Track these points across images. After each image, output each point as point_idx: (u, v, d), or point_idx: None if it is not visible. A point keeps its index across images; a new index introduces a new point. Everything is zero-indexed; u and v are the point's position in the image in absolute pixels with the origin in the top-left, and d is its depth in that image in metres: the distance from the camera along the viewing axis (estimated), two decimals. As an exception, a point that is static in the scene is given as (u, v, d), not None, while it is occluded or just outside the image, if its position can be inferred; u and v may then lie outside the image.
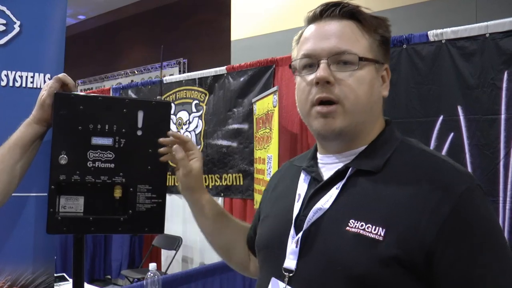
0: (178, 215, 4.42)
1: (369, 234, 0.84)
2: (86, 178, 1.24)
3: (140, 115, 1.27)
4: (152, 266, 2.11)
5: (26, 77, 1.50)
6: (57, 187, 1.24)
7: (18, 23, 1.50)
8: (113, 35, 8.56)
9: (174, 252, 4.48)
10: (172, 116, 4.58)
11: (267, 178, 3.49)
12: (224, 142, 4.34)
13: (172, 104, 4.64)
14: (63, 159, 1.23)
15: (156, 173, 1.28)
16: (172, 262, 4.50)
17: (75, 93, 1.28)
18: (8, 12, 1.48)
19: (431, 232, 0.80)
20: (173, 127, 4.64)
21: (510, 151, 2.65)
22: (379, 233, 0.83)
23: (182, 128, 4.65)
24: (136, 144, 1.27)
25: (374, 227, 0.84)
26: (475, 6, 3.66)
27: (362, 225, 0.85)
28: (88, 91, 7.26)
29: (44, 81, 1.50)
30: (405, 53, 3.02)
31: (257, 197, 3.92)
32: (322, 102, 0.92)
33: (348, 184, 0.92)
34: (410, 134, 2.35)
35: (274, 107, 3.37)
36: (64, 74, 1.28)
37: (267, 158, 3.51)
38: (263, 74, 4.06)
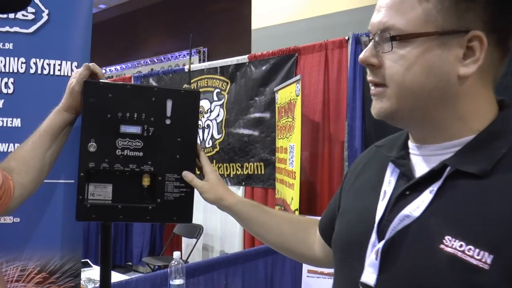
0: (199, 203, 4.37)
1: (471, 260, 0.66)
2: (115, 166, 1.24)
3: (169, 103, 1.26)
4: (176, 254, 2.12)
5: (54, 65, 1.50)
6: (86, 174, 1.24)
7: (46, 11, 1.50)
8: (133, 24, 8.58)
9: (195, 240, 4.51)
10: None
11: (290, 168, 3.47)
12: (246, 131, 4.33)
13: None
14: (92, 147, 1.23)
15: (184, 162, 1.27)
16: (193, 250, 4.53)
17: (104, 81, 1.27)
18: (37, 1, 1.48)
19: None
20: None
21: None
22: (484, 260, 0.65)
23: (203, 116, 4.65)
24: (165, 133, 1.26)
25: (477, 250, 0.66)
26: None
27: (461, 246, 0.68)
28: (108, 79, 7.31)
29: (72, 69, 1.51)
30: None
31: (278, 187, 3.92)
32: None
33: (444, 188, 0.74)
34: None
35: (297, 96, 3.34)
36: (93, 63, 1.28)
37: (290, 147, 3.50)
38: (285, 63, 4.03)
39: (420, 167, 0.81)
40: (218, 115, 4.56)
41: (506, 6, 0.73)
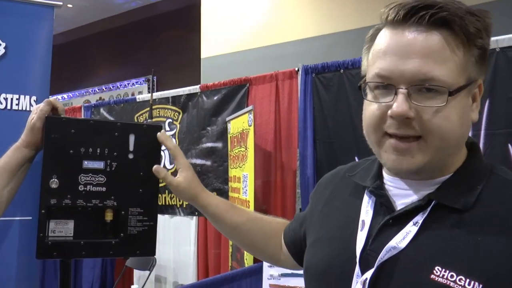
0: (151, 234, 4.35)
1: None
2: (77, 202, 1.24)
3: (132, 138, 1.28)
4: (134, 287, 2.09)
5: (12, 99, 1.48)
6: (47, 211, 1.23)
7: (3, 44, 1.49)
8: (81, 51, 8.47)
9: (148, 272, 4.41)
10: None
11: (243, 197, 3.50)
12: (198, 161, 4.34)
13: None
14: (54, 183, 1.22)
15: (147, 196, 1.29)
16: (146, 283, 4.43)
17: (66, 116, 1.27)
18: (-7, 34, 1.47)
19: None
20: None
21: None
22: None
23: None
24: (128, 167, 1.27)
25: (468, 280, 0.69)
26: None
27: (452, 276, 0.70)
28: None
29: (30, 103, 1.50)
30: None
31: (232, 215, 3.92)
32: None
33: (429, 220, 0.76)
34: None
35: (250, 126, 3.40)
36: (54, 98, 1.28)
37: (243, 177, 3.53)
38: (236, 93, 4.09)
39: (400, 198, 0.83)
40: (170, 145, 4.55)
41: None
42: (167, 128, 4.56)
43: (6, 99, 1.49)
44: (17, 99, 1.50)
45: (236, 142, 3.78)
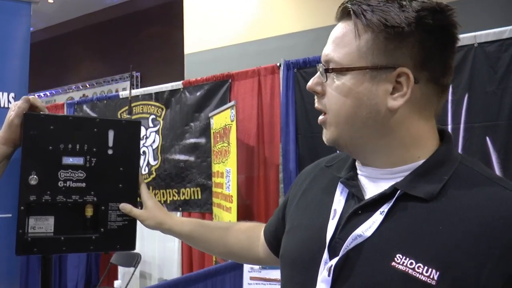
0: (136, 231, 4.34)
1: (420, 276, 0.72)
2: (57, 198, 1.24)
3: (111, 134, 1.28)
4: (117, 283, 2.10)
5: (-11, 96, 1.48)
6: (26, 207, 1.23)
7: (-20, 42, 1.48)
8: (63, 47, 8.39)
9: (132, 269, 4.42)
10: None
11: (226, 192, 3.52)
12: (182, 157, 4.34)
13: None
14: (33, 180, 1.22)
15: (127, 191, 1.29)
16: (131, 279, 4.44)
17: (45, 113, 1.28)
18: (-30, 32, 1.47)
19: (495, 284, 0.69)
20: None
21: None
22: (431, 276, 0.71)
23: (138, 143, 4.61)
24: (107, 163, 1.28)
25: (426, 267, 0.72)
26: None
27: (411, 263, 0.73)
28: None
29: (8, 100, 1.49)
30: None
31: (216, 211, 3.94)
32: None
33: (394, 209, 0.79)
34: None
35: (232, 121, 3.42)
36: (34, 96, 1.28)
37: (226, 172, 3.55)
38: (219, 89, 4.11)
39: (369, 188, 0.86)
40: (154, 141, 4.55)
41: (431, 50, 0.79)
42: (151, 124, 4.55)
43: (-16, 96, 1.48)
44: (-5, 96, 1.49)
45: (219, 137, 3.79)
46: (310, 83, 0.87)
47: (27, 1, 1.55)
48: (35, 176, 1.22)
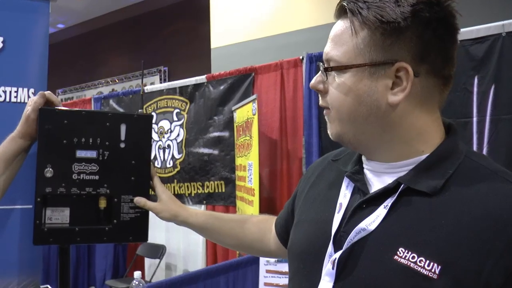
0: (161, 223, 4.39)
1: (421, 270, 0.73)
2: (71, 190, 1.28)
3: (123, 128, 1.31)
4: (137, 274, 2.14)
5: (10, 92, 1.53)
6: (43, 199, 1.27)
7: (1, 38, 1.53)
8: (93, 43, 8.53)
9: (158, 260, 4.50)
10: (154, 126, 4.62)
11: (249, 185, 3.54)
12: (206, 150, 4.38)
13: (154, 114, 4.67)
14: (48, 172, 1.26)
15: (139, 183, 1.32)
16: (156, 271, 4.52)
17: (59, 108, 1.31)
18: (-9, 28, 1.52)
19: (497, 281, 0.69)
20: (155, 136, 4.67)
21: (482, 152, 2.75)
22: (433, 270, 0.72)
23: (163, 137, 4.68)
24: (120, 156, 1.31)
25: (427, 261, 0.73)
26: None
27: (413, 257, 0.74)
28: (69, 100, 7.23)
29: (28, 96, 1.54)
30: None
31: (239, 204, 3.97)
32: None
33: (398, 203, 0.80)
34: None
35: (254, 115, 3.43)
36: (49, 92, 1.32)
37: (248, 165, 3.57)
38: (242, 82, 4.12)
39: (374, 182, 0.87)
40: (178, 135, 4.60)
41: (430, 42, 0.79)
42: (175, 118, 4.61)
43: (5, 91, 1.53)
44: (15, 91, 1.54)
45: (241, 131, 3.81)
46: (312, 81, 0.88)
47: (46, 0, 1.59)
48: (50, 169, 1.27)
